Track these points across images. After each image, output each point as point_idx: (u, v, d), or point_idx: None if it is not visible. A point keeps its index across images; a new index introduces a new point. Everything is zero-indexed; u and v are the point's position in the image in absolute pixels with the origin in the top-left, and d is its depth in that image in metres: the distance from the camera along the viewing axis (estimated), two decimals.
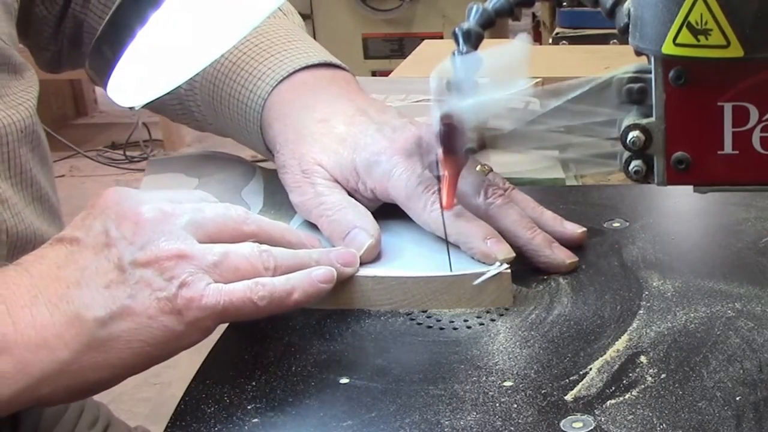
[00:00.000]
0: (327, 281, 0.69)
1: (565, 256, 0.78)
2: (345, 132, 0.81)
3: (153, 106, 0.90)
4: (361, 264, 0.74)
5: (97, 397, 1.02)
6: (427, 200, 0.76)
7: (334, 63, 0.88)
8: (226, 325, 0.73)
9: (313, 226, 0.80)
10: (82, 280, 0.65)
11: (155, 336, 0.65)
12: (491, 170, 0.79)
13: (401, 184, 0.77)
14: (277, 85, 0.85)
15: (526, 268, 0.77)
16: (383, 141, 0.79)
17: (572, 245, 0.79)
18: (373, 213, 0.78)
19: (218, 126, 0.93)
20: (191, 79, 0.84)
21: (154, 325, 0.64)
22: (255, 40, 0.87)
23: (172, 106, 0.94)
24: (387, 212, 0.79)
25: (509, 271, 0.73)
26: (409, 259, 0.76)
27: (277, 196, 0.83)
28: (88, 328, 0.64)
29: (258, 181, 0.88)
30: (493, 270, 0.73)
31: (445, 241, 0.75)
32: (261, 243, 0.70)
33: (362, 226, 0.76)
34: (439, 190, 0.73)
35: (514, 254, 0.74)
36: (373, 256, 0.75)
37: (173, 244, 0.66)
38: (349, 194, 0.80)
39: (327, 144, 0.80)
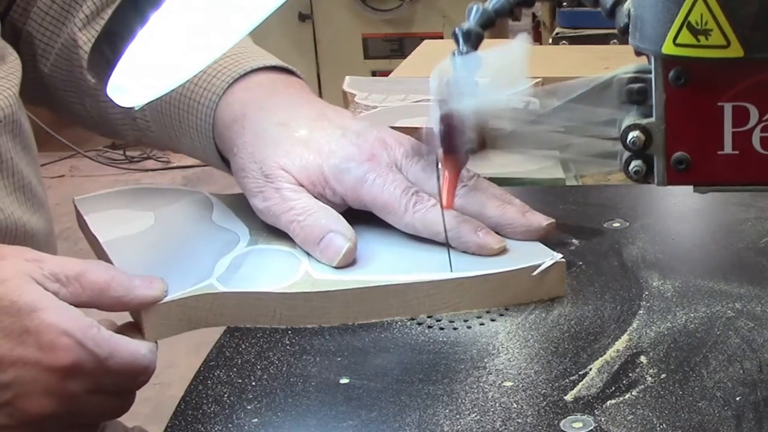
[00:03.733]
0: None
1: (541, 219, 0.77)
2: (307, 136, 0.80)
3: (91, 122, 0.89)
4: (340, 268, 0.74)
5: None
6: (407, 203, 0.76)
7: (288, 68, 0.87)
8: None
9: (280, 233, 0.78)
10: None
11: None
12: None
13: (376, 190, 0.77)
14: (232, 83, 0.83)
15: None
16: (350, 147, 0.79)
17: (537, 238, 0.77)
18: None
19: (161, 133, 0.90)
20: None
21: None
22: None
23: (113, 114, 0.91)
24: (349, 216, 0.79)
25: (564, 260, 0.73)
26: (391, 261, 0.75)
27: (255, 218, 0.81)
28: None
29: (221, 206, 0.85)
30: (549, 261, 0.73)
31: (447, 241, 0.75)
32: None
33: (337, 230, 0.75)
34: (439, 190, 0.73)
35: (506, 242, 0.75)
36: (350, 261, 0.74)
37: None
38: (316, 198, 0.78)
39: (290, 148, 0.79)
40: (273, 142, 0.80)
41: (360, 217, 0.79)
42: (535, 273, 0.72)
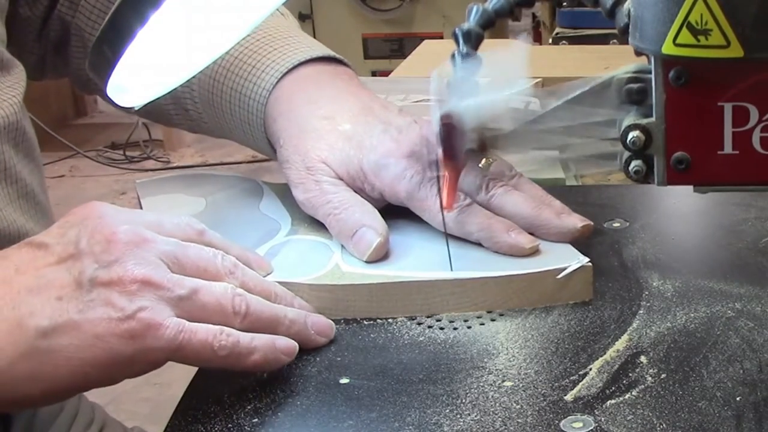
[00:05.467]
0: (288, 354, 0.66)
1: (576, 221, 0.77)
2: (351, 130, 0.81)
3: (142, 110, 0.89)
4: (371, 262, 0.74)
5: (93, 398, 1.02)
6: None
7: (336, 57, 0.88)
8: None
9: (320, 224, 0.79)
10: (35, 288, 0.62)
11: (98, 357, 0.61)
12: (495, 160, 0.79)
13: (413, 187, 0.77)
14: (282, 77, 0.84)
15: None
16: (390, 143, 0.79)
17: (571, 241, 0.77)
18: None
19: (214, 125, 0.92)
20: None
21: (100, 345, 0.61)
22: (257, 35, 0.87)
23: (165, 105, 0.93)
24: (389, 211, 0.79)
25: (591, 264, 0.73)
26: (421, 257, 0.75)
27: (299, 208, 0.82)
28: (27, 337, 0.61)
29: (270, 195, 0.87)
30: (575, 264, 0.73)
31: (446, 240, 0.75)
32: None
33: (370, 224, 0.76)
34: (439, 190, 0.73)
35: (539, 242, 0.75)
36: (381, 256, 0.75)
37: (141, 269, 0.63)
38: (355, 191, 0.79)
39: (332, 142, 0.80)
40: (317, 135, 0.81)
41: (398, 212, 0.79)
42: (559, 276, 0.72)
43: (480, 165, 0.79)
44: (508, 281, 0.72)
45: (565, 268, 0.72)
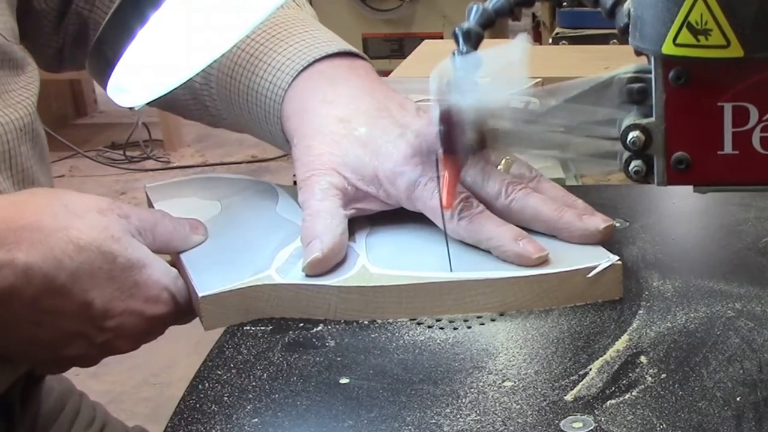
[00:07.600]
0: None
1: (599, 221, 0.76)
2: (366, 135, 0.79)
3: (163, 102, 0.90)
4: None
5: (95, 397, 1.02)
6: (454, 210, 0.76)
7: (352, 51, 0.87)
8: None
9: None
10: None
11: None
12: (514, 161, 0.78)
13: (427, 195, 0.77)
14: (297, 75, 0.83)
15: None
16: (406, 149, 0.78)
17: (595, 242, 0.76)
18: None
19: (233, 120, 0.91)
20: (206, 72, 0.82)
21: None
22: (271, 31, 0.86)
23: (185, 101, 0.93)
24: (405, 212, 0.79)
25: (620, 262, 0.73)
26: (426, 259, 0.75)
27: None
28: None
29: (286, 197, 0.86)
30: (605, 263, 0.72)
31: (446, 240, 0.75)
32: None
33: (321, 238, 0.74)
34: (439, 190, 0.73)
35: (547, 251, 0.73)
36: (318, 271, 0.73)
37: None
38: (368, 197, 0.79)
39: (347, 147, 0.79)
40: (332, 138, 0.80)
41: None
42: (590, 275, 0.72)
43: (499, 167, 0.78)
44: (538, 280, 0.72)
45: (595, 267, 0.72)
